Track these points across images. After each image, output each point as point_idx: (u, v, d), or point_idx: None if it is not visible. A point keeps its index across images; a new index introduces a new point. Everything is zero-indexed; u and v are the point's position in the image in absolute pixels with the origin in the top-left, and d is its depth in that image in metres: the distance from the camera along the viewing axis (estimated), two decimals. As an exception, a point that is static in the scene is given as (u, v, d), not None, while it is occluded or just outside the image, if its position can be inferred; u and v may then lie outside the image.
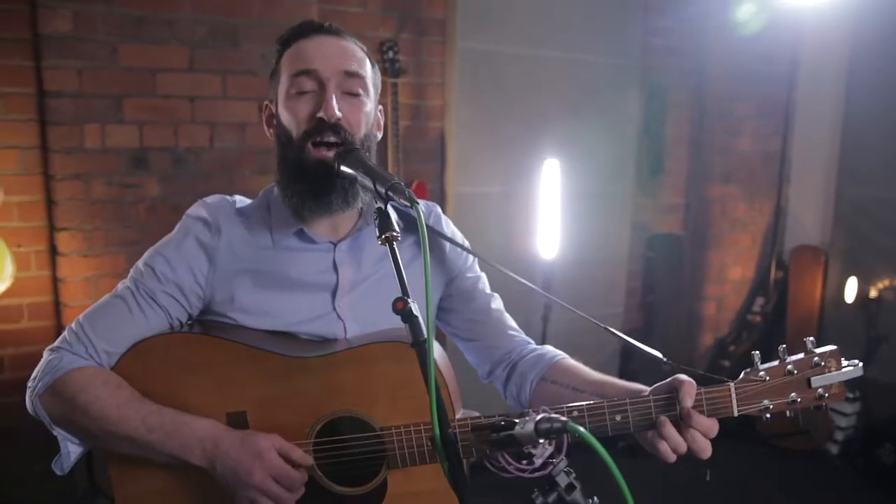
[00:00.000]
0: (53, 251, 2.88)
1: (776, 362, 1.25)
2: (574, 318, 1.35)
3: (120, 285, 1.35)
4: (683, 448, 1.20)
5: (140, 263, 1.35)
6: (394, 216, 1.41)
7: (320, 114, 1.27)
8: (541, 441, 0.78)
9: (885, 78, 3.77)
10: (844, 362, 1.25)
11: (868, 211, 3.99)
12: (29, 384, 1.29)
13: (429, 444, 1.24)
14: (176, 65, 2.95)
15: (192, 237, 1.34)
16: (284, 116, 1.32)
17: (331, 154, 1.27)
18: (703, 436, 1.20)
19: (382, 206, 1.08)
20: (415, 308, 0.99)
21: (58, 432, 1.29)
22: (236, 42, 3.02)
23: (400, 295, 1.09)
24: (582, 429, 0.72)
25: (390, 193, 1.07)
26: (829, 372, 1.24)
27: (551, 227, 3.51)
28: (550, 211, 3.51)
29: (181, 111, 2.99)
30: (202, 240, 1.34)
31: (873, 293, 3.87)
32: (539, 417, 0.78)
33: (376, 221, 1.08)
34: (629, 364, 3.90)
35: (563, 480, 0.83)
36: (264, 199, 1.43)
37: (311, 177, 1.29)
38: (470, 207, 3.53)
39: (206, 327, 1.37)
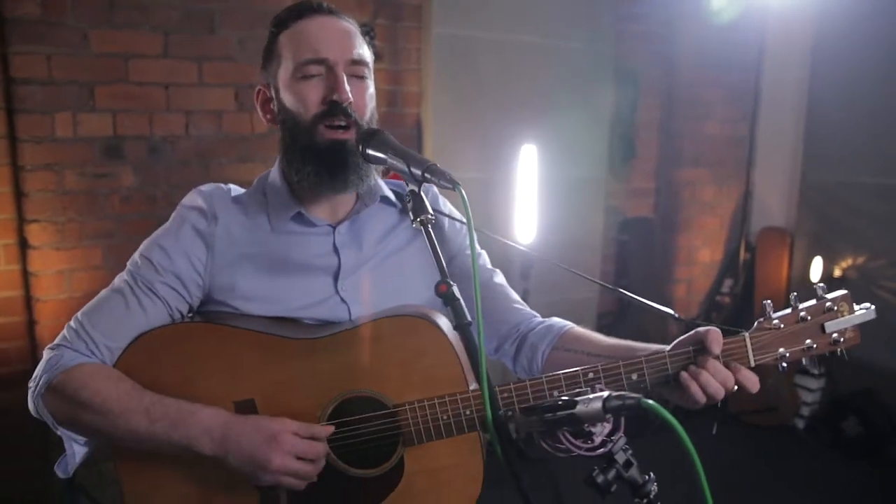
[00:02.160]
0: (24, 244, 2.78)
1: (788, 310, 1.23)
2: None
3: (117, 279, 1.33)
4: (731, 381, 1.18)
5: (136, 255, 1.34)
6: (391, 196, 1.40)
7: (334, 97, 1.25)
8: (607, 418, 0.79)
9: (847, 67, 3.87)
10: (856, 306, 1.22)
11: (831, 193, 4.10)
12: (30, 385, 1.26)
13: (444, 416, 1.23)
14: (150, 51, 2.87)
15: (188, 225, 1.32)
16: (290, 100, 1.30)
17: (345, 136, 1.26)
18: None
19: (416, 189, 1.07)
20: (456, 291, 0.99)
21: (62, 432, 1.26)
22: (212, 27, 2.94)
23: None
24: (654, 403, 0.73)
25: (427, 175, 1.06)
26: (843, 316, 1.21)
27: (528, 213, 3.53)
28: (528, 196, 3.52)
29: (156, 99, 2.91)
30: (199, 228, 1.32)
31: (837, 272, 4.00)
32: (607, 395, 0.79)
33: (409, 204, 1.07)
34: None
35: (620, 458, 0.84)
36: (259, 185, 1.41)
37: (325, 157, 1.28)
38: (447, 193, 3.51)
39: (207, 317, 1.35)
